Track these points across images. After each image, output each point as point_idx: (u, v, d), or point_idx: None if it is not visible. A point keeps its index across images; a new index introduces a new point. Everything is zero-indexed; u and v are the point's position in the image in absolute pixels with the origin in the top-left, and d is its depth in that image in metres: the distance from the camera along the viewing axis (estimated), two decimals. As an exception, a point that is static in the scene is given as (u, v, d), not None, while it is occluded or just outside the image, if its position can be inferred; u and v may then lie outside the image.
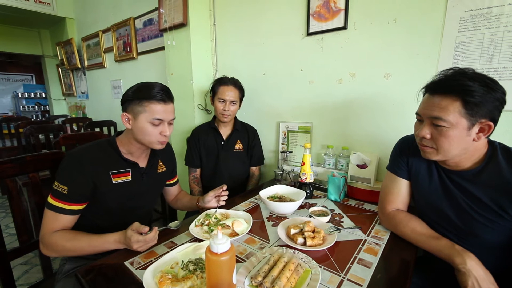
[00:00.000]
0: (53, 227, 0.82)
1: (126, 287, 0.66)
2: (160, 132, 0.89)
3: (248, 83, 1.61)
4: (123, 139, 0.93)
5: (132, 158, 0.94)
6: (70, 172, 0.83)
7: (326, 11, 1.28)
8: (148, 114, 0.86)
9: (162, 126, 0.89)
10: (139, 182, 0.96)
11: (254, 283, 0.63)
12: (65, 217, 0.82)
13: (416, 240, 0.81)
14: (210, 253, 0.51)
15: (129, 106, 0.87)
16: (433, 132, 0.70)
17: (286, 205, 1.00)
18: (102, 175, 0.88)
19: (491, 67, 0.94)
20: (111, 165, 0.90)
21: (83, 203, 0.85)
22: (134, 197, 0.96)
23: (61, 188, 0.81)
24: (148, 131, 0.87)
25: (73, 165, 0.84)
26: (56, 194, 0.81)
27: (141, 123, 0.86)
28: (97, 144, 0.92)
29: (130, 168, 0.93)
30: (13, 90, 5.45)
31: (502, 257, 0.71)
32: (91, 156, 0.87)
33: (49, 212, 0.82)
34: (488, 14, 0.92)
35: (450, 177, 0.77)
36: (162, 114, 0.87)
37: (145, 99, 0.85)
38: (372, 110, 1.24)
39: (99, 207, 0.90)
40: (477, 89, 0.62)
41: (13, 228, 2.40)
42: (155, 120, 0.86)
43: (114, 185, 0.90)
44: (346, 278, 0.68)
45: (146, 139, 0.89)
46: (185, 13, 1.64)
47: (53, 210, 0.81)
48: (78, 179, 0.83)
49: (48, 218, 0.82)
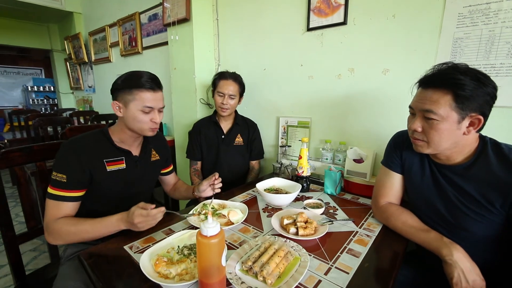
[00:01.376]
0: (56, 215, 0.85)
1: (124, 269, 0.70)
2: (150, 119, 0.92)
3: (249, 78, 1.63)
4: (115, 128, 0.97)
5: (124, 147, 0.98)
6: (67, 160, 0.86)
7: (326, 7, 1.28)
8: (138, 102, 0.89)
9: (152, 114, 0.92)
10: (133, 170, 0.99)
11: (245, 267, 0.66)
12: (66, 204, 0.86)
13: (406, 232, 0.82)
14: (200, 236, 0.54)
15: (119, 95, 0.91)
16: (424, 125, 0.71)
17: (281, 197, 1.03)
18: (97, 163, 0.91)
19: (488, 63, 0.94)
20: (105, 153, 0.94)
21: (82, 190, 0.89)
22: (129, 184, 0.99)
23: (59, 177, 0.84)
24: (139, 118, 0.90)
25: (69, 154, 0.87)
26: (55, 184, 0.85)
27: (132, 111, 0.89)
28: (91, 134, 0.96)
29: (124, 156, 0.97)
30: (23, 84, 5.59)
31: (490, 251, 0.72)
32: (85, 145, 0.90)
33: (50, 202, 0.85)
34: (486, 10, 0.92)
35: (442, 172, 0.78)
36: (152, 102, 0.90)
37: (134, 87, 0.88)
38: (370, 106, 1.25)
39: (96, 195, 0.94)
40: (468, 83, 0.63)
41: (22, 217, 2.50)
42: (146, 108, 0.89)
43: (109, 172, 0.93)
44: (334, 266, 0.70)
45: (137, 126, 0.92)
46: (188, 8, 1.67)
47: (54, 199, 0.85)
48: (75, 167, 0.86)
49: (51, 208, 0.85)
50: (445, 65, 0.69)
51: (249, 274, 0.65)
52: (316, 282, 0.64)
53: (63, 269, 0.93)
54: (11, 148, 1.01)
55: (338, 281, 0.64)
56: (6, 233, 0.99)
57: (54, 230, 0.83)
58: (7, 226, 0.99)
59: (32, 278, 1.07)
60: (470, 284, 0.67)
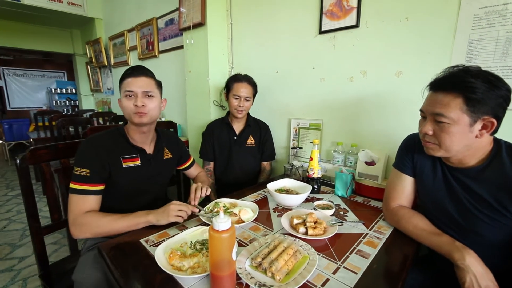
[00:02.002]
0: (82, 209, 0.89)
1: (140, 260, 0.73)
2: (133, 104, 0.95)
3: (262, 81, 1.66)
4: (128, 127, 1.03)
5: (139, 145, 1.03)
6: (88, 157, 0.92)
7: (339, 10, 1.29)
8: (123, 90, 0.96)
9: (135, 99, 0.95)
10: (147, 167, 1.04)
11: (254, 263, 0.68)
12: (91, 197, 0.91)
13: (417, 235, 0.82)
14: (212, 230, 0.57)
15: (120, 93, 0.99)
16: (435, 128, 0.71)
17: (292, 197, 1.04)
18: (114, 159, 0.97)
19: (505, 65, 0.92)
20: (121, 150, 0.99)
21: (103, 184, 0.94)
22: (144, 180, 1.04)
23: (83, 172, 0.90)
24: (125, 105, 0.96)
25: (89, 150, 0.93)
26: (78, 179, 0.90)
27: (121, 101, 0.97)
28: (108, 132, 1.02)
29: (139, 154, 1.02)
30: (47, 86, 5.93)
31: (503, 255, 0.71)
32: (103, 143, 0.96)
33: (74, 197, 0.89)
34: (503, 10, 0.90)
35: (454, 175, 0.77)
36: (132, 86, 0.95)
37: (122, 79, 0.97)
38: (382, 108, 1.24)
39: (114, 191, 0.99)
40: (479, 86, 0.63)
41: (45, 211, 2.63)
42: (127, 92, 0.95)
43: (125, 168, 0.98)
44: (342, 266, 0.71)
45: (126, 113, 0.97)
46: (203, 13, 1.72)
47: (79, 194, 0.89)
48: (96, 162, 0.92)
49: (75, 202, 0.89)
50: (456, 68, 0.69)
51: (258, 270, 0.67)
52: (324, 281, 0.65)
53: (83, 259, 0.98)
54: (38, 146, 1.08)
55: (346, 281, 0.65)
56: (33, 224, 1.06)
57: (82, 223, 0.87)
58: (34, 217, 1.06)
59: (54, 267, 1.14)
60: (483, 290, 0.66)
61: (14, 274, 1.73)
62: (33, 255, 1.90)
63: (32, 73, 5.85)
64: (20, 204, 2.86)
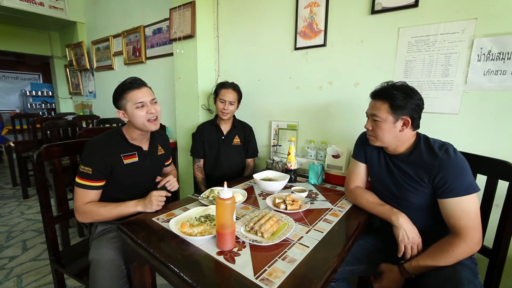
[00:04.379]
0: (84, 200, 1.06)
1: (156, 231, 0.92)
2: (146, 112, 1.09)
3: (246, 87, 1.89)
4: (126, 129, 1.17)
5: (136, 143, 1.18)
6: (92, 157, 1.06)
7: (310, 31, 1.57)
8: (131, 102, 1.08)
9: (147, 107, 1.10)
10: (144, 162, 1.20)
11: (247, 228, 0.91)
12: (92, 191, 1.07)
13: (368, 207, 1.09)
14: (219, 199, 0.78)
15: (118, 104, 1.12)
16: (373, 125, 1.00)
17: (274, 184, 1.28)
18: (116, 157, 1.11)
19: (429, 80, 1.24)
20: (122, 149, 1.14)
21: (103, 180, 1.10)
22: (141, 174, 1.19)
23: (86, 170, 1.04)
24: (137, 115, 1.08)
25: (93, 151, 1.07)
26: (82, 175, 1.05)
27: (130, 111, 1.08)
28: (109, 133, 1.16)
29: (136, 151, 1.18)
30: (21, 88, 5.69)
31: (423, 216, 0.99)
32: (106, 144, 1.11)
33: (79, 190, 1.05)
34: (427, 40, 1.22)
35: (391, 160, 1.05)
36: (140, 97, 1.08)
37: (123, 93, 1.08)
38: (345, 112, 1.53)
39: (116, 184, 1.14)
40: (399, 96, 0.92)
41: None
42: (137, 104, 1.07)
43: (126, 165, 1.14)
44: (313, 228, 0.95)
45: (139, 122, 1.09)
46: (193, 26, 1.93)
47: (82, 188, 1.05)
48: (98, 162, 1.06)
49: (79, 194, 1.06)
50: (386, 83, 0.98)
51: (251, 232, 0.90)
52: (299, 237, 0.89)
53: (96, 242, 1.13)
54: (51, 144, 1.22)
55: (315, 237, 0.89)
56: (46, 213, 1.19)
57: (84, 212, 1.06)
58: (47, 207, 1.19)
59: (64, 253, 1.27)
60: (411, 240, 0.93)
61: (6, 272, 1.77)
62: (23, 254, 1.99)
63: (5, 74, 5.59)
64: (0, 208, 2.82)
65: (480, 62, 1.11)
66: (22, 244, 2.12)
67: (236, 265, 0.73)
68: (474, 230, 0.84)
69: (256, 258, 0.76)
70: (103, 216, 1.07)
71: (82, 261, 1.20)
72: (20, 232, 2.31)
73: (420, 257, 0.90)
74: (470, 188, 0.84)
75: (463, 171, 0.86)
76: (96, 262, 1.04)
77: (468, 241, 0.83)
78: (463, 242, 0.83)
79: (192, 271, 0.70)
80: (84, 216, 1.07)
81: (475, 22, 1.11)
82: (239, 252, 0.79)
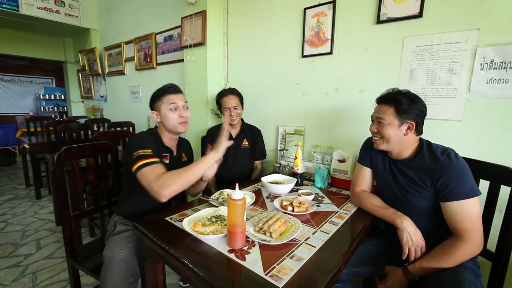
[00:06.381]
0: (159, 172, 1.01)
1: (170, 230, 0.97)
2: (179, 115, 1.19)
3: (253, 93, 1.95)
4: (159, 131, 1.26)
5: (168, 145, 1.26)
6: (147, 142, 1.10)
7: (317, 40, 1.63)
8: (166, 103, 1.18)
9: (179, 110, 1.19)
10: (173, 166, 1.25)
11: (257, 228, 0.95)
12: (160, 165, 1.05)
13: (373, 210, 1.12)
14: (231, 199, 0.83)
15: (154, 105, 1.22)
16: (378, 127, 1.04)
17: (281, 187, 1.32)
18: (158, 153, 1.16)
19: (433, 87, 1.27)
20: (160, 148, 1.22)
21: None
22: None
23: (147, 152, 1.05)
24: (170, 116, 1.18)
25: (145, 138, 1.12)
26: (145, 156, 1.03)
27: (164, 112, 1.18)
28: (148, 132, 1.23)
29: (169, 154, 1.25)
30: (35, 92, 5.89)
31: (427, 219, 1.02)
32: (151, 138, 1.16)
33: (147, 169, 1.01)
34: (431, 49, 1.26)
35: (395, 165, 1.09)
36: (175, 99, 1.19)
37: (161, 95, 1.19)
38: (350, 118, 1.57)
39: None
40: (404, 101, 0.96)
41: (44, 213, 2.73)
42: (171, 104, 1.17)
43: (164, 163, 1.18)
44: (319, 230, 0.99)
45: (171, 124, 1.18)
46: (203, 34, 2.00)
47: (150, 165, 1.02)
48: (153, 146, 1.09)
49: (149, 173, 1.01)
50: (391, 89, 1.03)
51: (260, 232, 0.94)
52: (306, 238, 0.93)
53: (111, 240, 1.18)
54: (70, 146, 1.29)
55: (321, 237, 0.93)
56: (64, 211, 1.25)
57: (165, 182, 0.98)
58: (65, 206, 1.26)
59: (80, 250, 1.33)
60: (415, 243, 0.96)
61: (22, 269, 1.85)
62: (37, 252, 2.06)
63: (20, 79, 5.80)
64: (14, 207, 2.92)
65: (483, 70, 1.15)
66: (36, 242, 2.20)
67: (247, 262, 0.77)
68: (475, 232, 0.86)
69: (265, 256, 0.80)
70: (185, 176, 1.01)
71: (97, 258, 1.26)
72: (34, 231, 2.39)
73: (423, 259, 0.93)
74: (471, 192, 0.87)
75: (464, 175, 0.89)
76: (108, 259, 1.09)
77: (470, 243, 0.86)
78: (464, 244, 0.86)
79: (205, 267, 0.75)
80: (167, 185, 0.97)
81: (477, 32, 1.15)
82: (249, 251, 0.83)
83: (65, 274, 1.77)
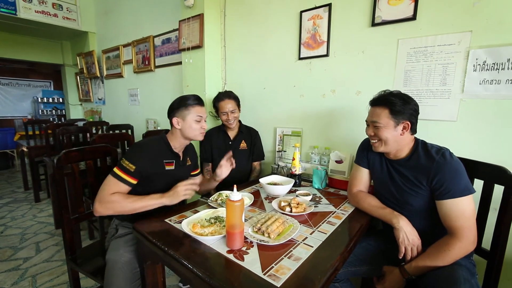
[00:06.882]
0: (113, 190, 1.06)
1: (169, 232, 0.98)
2: (201, 127, 1.24)
3: (251, 95, 1.97)
4: (170, 136, 1.26)
5: (177, 151, 1.27)
6: (139, 157, 1.12)
7: (313, 42, 1.65)
8: (193, 114, 1.21)
9: (202, 122, 1.25)
10: (178, 171, 1.28)
11: (255, 229, 0.96)
12: (124, 186, 1.08)
13: (370, 210, 1.13)
14: (229, 201, 0.84)
15: (177, 112, 1.22)
16: (375, 130, 1.05)
17: (279, 188, 1.34)
18: (158, 162, 1.18)
19: (428, 88, 1.29)
20: (164, 155, 1.22)
21: (137, 180, 1.13)
22: (173, 182, 1.22)
23: (129, 166, 1.08)
24: (194, 127, 1.22)
25: (141, 152, 1.14)
26: (123, 168, 1.08)
27: (189, 122, 1.21)
28: (154, 139, 1.24)
29: (175, 160, 1.26)
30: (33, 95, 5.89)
31: (423, 218, 1.03)
32: (152, 148, 1.18)
33: (113, 180, 1.07)
34: (425, 51, 1.28)
35: (392, 165, 1.11)
36: (202, 113, 1.24)
37: (190, 105, 1.21)
38: (347, 119, 1.59)
39: (148, 186, 1.18)
40: (398, 102, 0.98)
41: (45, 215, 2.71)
42: (198, 117, 1.22)
43: (166, 171, 1.21)
44: (316, 230, 1.01)
45: (192, 134, 1.23)
46: (201, 37, 2.02)
47: (117, 179, 1.07)
48: (143, 163, 1.12)
49: (111, 184, 1.06)
50: (383, 91, 1.05)
51: (258, 233, 0.95)
52: (304, 238, 0.94)
53: (114, 243, 1.18)
54: (69, 149, 1.30)
55: (319, 237, 0.95)
56: (65, 214, 1.26)
57: (108, 201, 1.04)
58: (65, 209, 1.26)
59: (80, 253, 1.34)
60: (411, 242, 0.98)
61: (21, 272, 1.85)
62: (37, 256, 2.06)
63: (18, 82, 5.79)
64: (13, 211, 2.91)
65: (476, 72, 1.17)
66: (35, 246, 2.20)
67: (245, 262, 0.78)
68: (469, 230, 0.88)
69: (263, 256, 0.81)
70: (126, 207, 1.05)
71: (96, 261, 1.27)
72: (33, 234, 2.39)
73: (419, 258, 0.94)
74: (465, 190, 0.89)
75: (459, 173, 0.91)
76: (112, 262, 1.10)
77: (464, 240, 0.87)
78: (459, 242, 0.88)
79: (204, 267, 0.76)
80: (107, 206, 1.04)
81: (470, 34, 1.17)
82: (247, 251, 0.85)
83: (65, 277, 1.77)
